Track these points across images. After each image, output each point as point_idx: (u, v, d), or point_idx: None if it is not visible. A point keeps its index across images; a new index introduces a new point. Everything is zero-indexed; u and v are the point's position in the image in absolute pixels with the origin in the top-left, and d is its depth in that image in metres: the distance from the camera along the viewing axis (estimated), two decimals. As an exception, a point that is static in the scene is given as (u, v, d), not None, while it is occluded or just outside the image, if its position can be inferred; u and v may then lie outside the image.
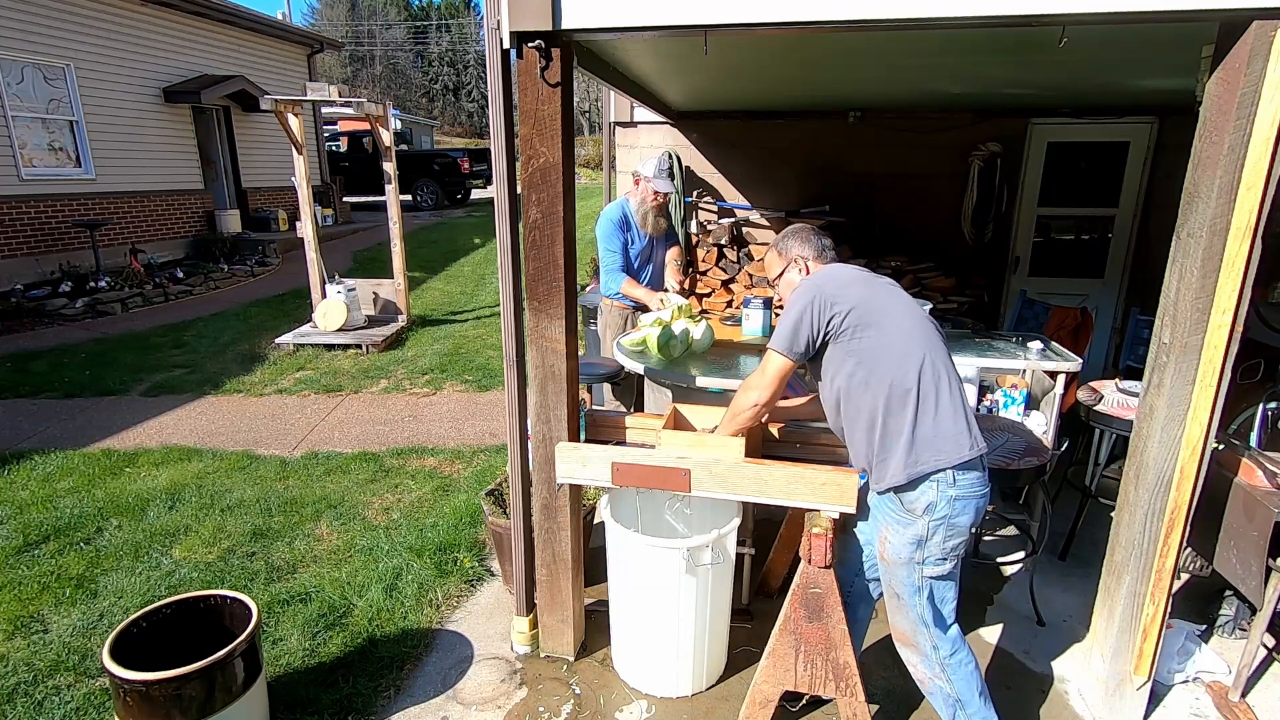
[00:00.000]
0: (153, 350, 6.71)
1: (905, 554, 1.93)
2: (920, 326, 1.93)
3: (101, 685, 2.47)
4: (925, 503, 1.87)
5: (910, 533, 1.91)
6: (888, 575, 2.02)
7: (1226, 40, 1.83)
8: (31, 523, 3.54)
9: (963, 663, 2.03)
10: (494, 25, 2.07)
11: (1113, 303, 5.51)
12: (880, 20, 1.89)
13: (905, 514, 1.91)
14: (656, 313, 3.41)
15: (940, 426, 1.85)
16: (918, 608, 1.98)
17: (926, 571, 1.93)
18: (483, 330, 7.43)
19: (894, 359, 1.88)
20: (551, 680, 2.55)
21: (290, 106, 6.57)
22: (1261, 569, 2.23)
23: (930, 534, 1.89)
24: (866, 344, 1.90)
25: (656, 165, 3.70)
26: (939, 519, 1.87)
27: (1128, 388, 3.19)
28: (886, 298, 1.97)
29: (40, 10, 8.64)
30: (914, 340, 1.90)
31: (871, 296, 1.95)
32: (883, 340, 1.89)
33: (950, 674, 2.02)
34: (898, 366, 1.87)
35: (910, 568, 1.94)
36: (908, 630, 2.04)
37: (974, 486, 1.89)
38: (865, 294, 1.95)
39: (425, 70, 48.88)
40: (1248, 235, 1.86)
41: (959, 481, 1.86)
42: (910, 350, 1.88)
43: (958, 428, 1.86)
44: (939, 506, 1.86)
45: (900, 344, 1.89)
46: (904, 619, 2.04)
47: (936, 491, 1.86)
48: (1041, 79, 3.83)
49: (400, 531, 3.46)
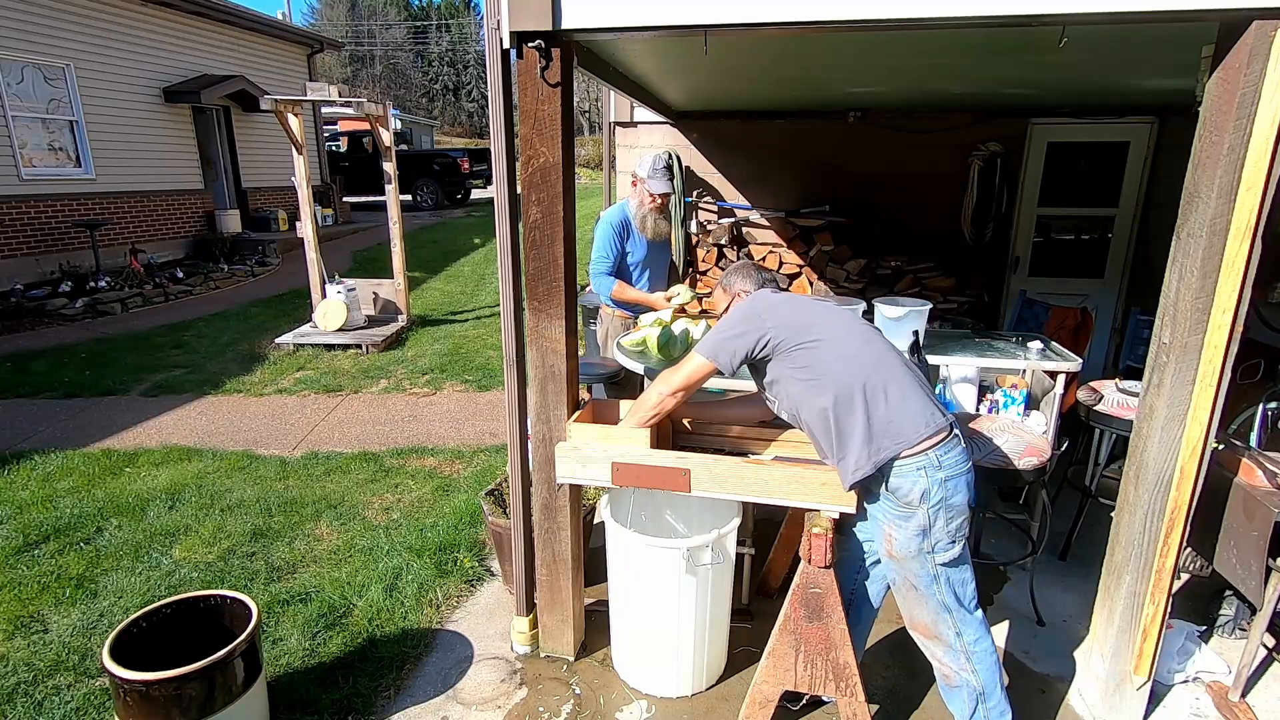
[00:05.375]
0: (153, 350, 6.71)
1: (914, 546, 1.94)
2: (858, 330, 2.04)
3: (101, 685, 2.47)
4: (919, 491, 1.89)
5: (913, 525, 1.93)
6: (902, 571, 2.03)
7: (1226, 40, 1.83)
8: (31, 523, 3.54)
9: (988, 651, 2.05)
10: (494, 25, 2.07)
11: (1113, 303, 5.51)
12: (880, 20, 1.89)
13: (903, 508, 1.93)
14: (657, 313, 3.40)
15: (893, 413, 1.91)
16: (938, 594, 1.99)
17: (938, 559, 1.95)
18: (483, 330, 7.42)
19: (836, 363, 1.96)
20: (551, 680, 2.55)
21: (290, 106, 6.57)
22: (1261, 569, 2.23)
23: (933, 520, 1.91)
24: (806, 354, 1.99)
25: (652, 165, 3.54)
26: (936, 504, 1.90)
27: (1128, 388, 3.19)
28: (819, 312, 2.07)
29: (40, 10, 8.65)
30: (851, 343, 1.99)
31: (801, 313, 2.06)
32: (821, 349, 1.98)
33: (975, 663, 2.04)
34: (841, 370, 1.95)
35: (922, 559, 1.95)
36: (929, 621, 2.05)
37: (959, 463, 1.93)
38: (795, 312, 2.06)
39: (425, 70, 48.86)
40: (1248, 235, 1.86)
41: (944, 462, 1.90)
42: (849, 354, 1.97)
43: (909, 409, 1.91)
44: (933, 492, 1.89)
45: (838, 349, 1.98)
46: (924, 610, 2.04)
47: (927, 478, 1.88)
48: (1041, 79, 3.83)
49: (400, 531, 3.46)
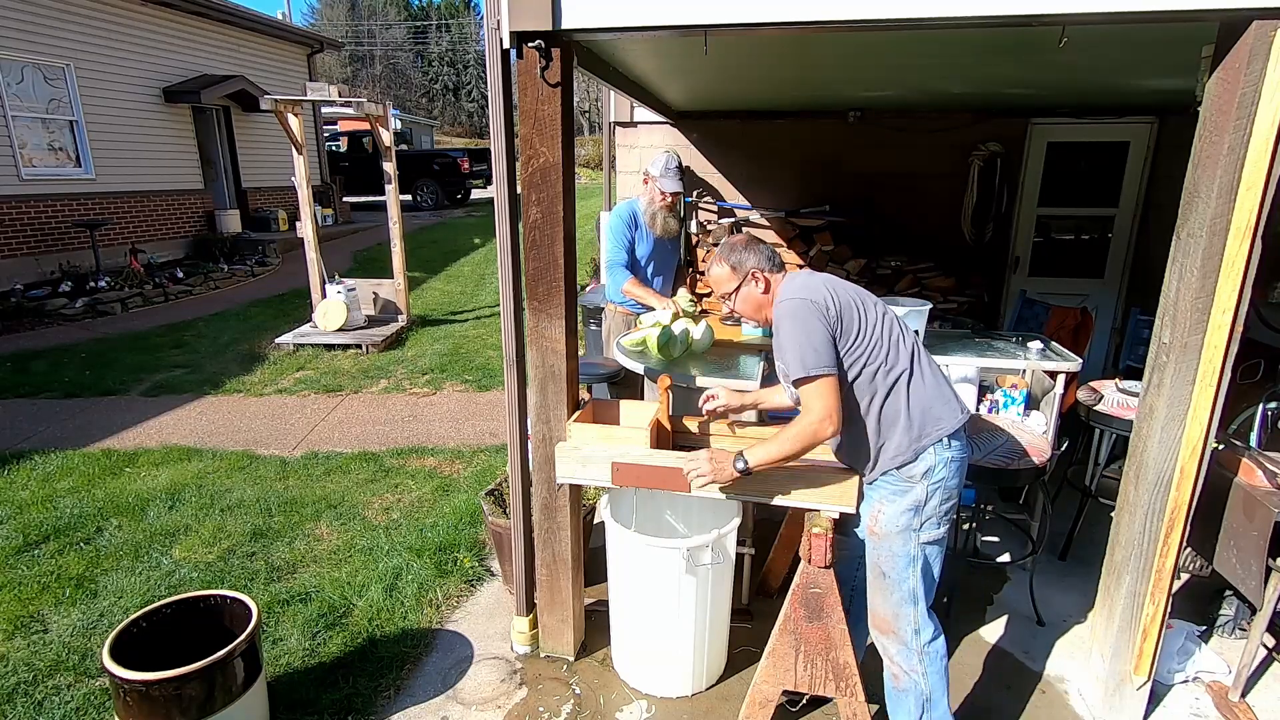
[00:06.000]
0: (153, 350, 6.71)
1: (903, 522, 1.95)
2: (888, 312, 2.04)
3: (101, 685, 2.47)
4: (924, 467, 1.92)
5: (908, 500, 1.94)
6: (878, 550, 2.02)
7: (1226, 40, 1.83)
8: (31, 523, 3.54)
9: (939, 653, 2.05)
10: (494, 25, 2.07)
11: (1113, 303, 5.51)
12: (880, 20, 1.89)
13: (904, 482, 1.95)
14: (656, 314, 3.40)
15: (932, 398, 1.95)
16: (909, 580, 1.99)
17: (923, 537, 1.96)
18: (483, 330, 7.42)
19: (882, 347, 1.95)
20: (551, 680, 2.55)
21: (290, 106, 6.57)
22: (1261, 569, 2.23)
23: (928, 497, 1.94)
24: (853, 340, 1.96)
25: (664, 164, 3.60)
26: (937, 481, 1.93)
27: (1128, 388, 3.19)
28: (855, 293, 2.04)
29: (40, 10, 8.64)
30: (892, 325, 2.00)
31: (841, 294, 2.00)
32: (866, 333, 1.96)
33: (927, 665, 2.03)
34: (887, 353, 1.95)
35: (906, 535, 1.96)
36: (889, 613, 2.04)
37: (963, 449, 2.00)
38: (838, 294, 2.01)
39: (425, 70, 48.85)
40: (1248, 235, 1.86)
41: (953, 444, 1.96)
42: (891, 334, 1.97)
43: (945, 395, 1.98)
44: (937, 470, 1.93)
45: (882, 331, 1.97)
46: (887, 600, 2.03)
47: (935, 456, 1.93)
48: (1041, 79, 3.82)
49: (400, 531, 3.46)
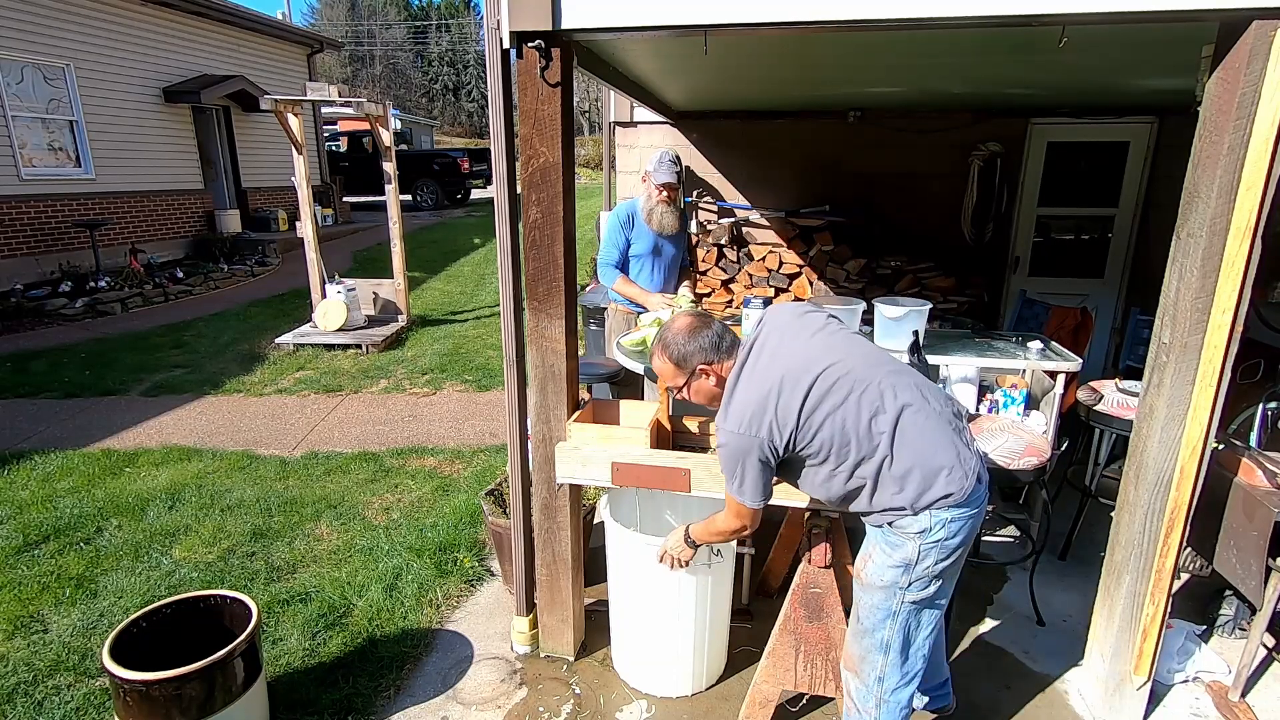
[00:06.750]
0: (153, 350, 6.71)
1: (889, 578, 1.79)
2: (871, 383, 1.75)
3: (101, 685, 2.47)
4: (919, 527, 1.73)
5: (899, 555, 1.77)
6: (859, 596, 1.88)
7: (1226, 40, 1.83)
8: (31, 523, 3.54)
9: (900, 706, 1.89)
10: (494, 25, 2.07)
11: (1113, 303, 5.51)
12: (880, 20, 1.89)
13: (897, 535, 1.77)
14: (656, 313, 3.40)
15: (930, 468, 1.71)
16: (883, 632, 1.84)
17: (909, 596, 1.79)
18: (483, 330, 7.42)
19: (856, 443, 1.73)
20: (551, 680, 2.55)
21: (290, 106, 6.57)
22: (1261, 569, 2.23)
23: (920, 557, 1.75)
24: (815, 450, 1.76)
25: (658, 159, 3.66)
26: (932, 542, 1.74)
27: (1128, 388, 3.19)
28: (821, 382, 1.74)
29: (40, 10, 8.64)
30: (867, 395, 1.73)
31: (794, 401, 1.73)
32: (835, 434, 1.73)
33: (882, 714, 1.89)
34: (864, 443, 1.73)
35: (891, 592, 1.80)
36: (857, 655, 1.92)
37: (972, 510, 1.75)
38: (792, 404, 1.74)
39: (425, 70, 48.87)
40: (1248, 235, 1.86)
41: (956, 509, 1.73)
42: (873, 419, 1.72)
43: (946, 461, 1.72)
44: (934, 531, 1.73)
45: (860, 414, 1.72)
46: (858, 642, 1.91)
47: (932, 518, 1.72)
48: (1041, 79, 3.82)
49: (400, 531, 3.46)
